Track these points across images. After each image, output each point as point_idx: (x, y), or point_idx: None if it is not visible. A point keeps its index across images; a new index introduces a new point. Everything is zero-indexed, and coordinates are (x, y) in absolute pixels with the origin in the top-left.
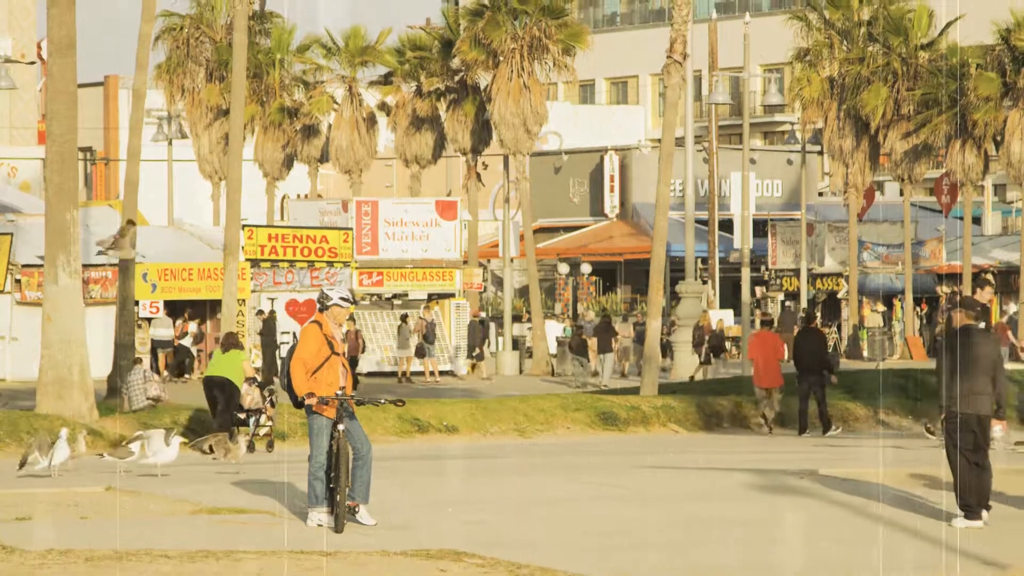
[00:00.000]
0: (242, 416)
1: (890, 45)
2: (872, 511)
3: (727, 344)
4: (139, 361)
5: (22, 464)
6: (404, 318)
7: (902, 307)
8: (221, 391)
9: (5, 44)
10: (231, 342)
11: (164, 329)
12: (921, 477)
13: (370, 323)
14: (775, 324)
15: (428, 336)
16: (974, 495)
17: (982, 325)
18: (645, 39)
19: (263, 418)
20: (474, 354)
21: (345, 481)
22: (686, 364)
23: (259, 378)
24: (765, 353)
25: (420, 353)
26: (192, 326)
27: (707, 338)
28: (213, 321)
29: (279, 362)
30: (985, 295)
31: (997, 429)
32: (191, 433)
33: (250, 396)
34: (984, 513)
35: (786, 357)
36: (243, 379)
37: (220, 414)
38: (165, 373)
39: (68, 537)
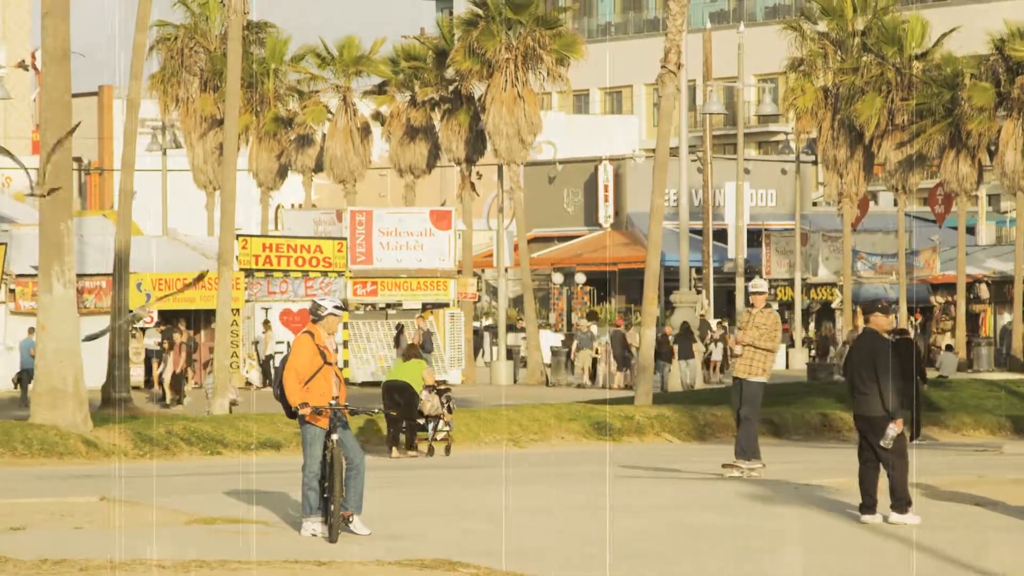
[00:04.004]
0: (421, 421)
1: (884, 55)
2: (865, 520)
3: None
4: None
5: None
6: (400, 328)
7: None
8: (401, 395)
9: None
10: (413, 352)
11: (158, 339)
12: (919, 487)
13: (364, 333)
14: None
15: (426, 345)
16: (863, 493)
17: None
18: (639, 49)
19: (441, 424)
20: (630, 366)
21: (339, 491)
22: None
23: (438, 386)
24: None
25: None
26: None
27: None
28: (207, 331)
29: (273, 372)
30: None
31: (892, 428)
32: (360, 436)
33: (430, 403)
34: (870, 512)
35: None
36: (423, 386)
37: (397, 420)
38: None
39: (62, 547)
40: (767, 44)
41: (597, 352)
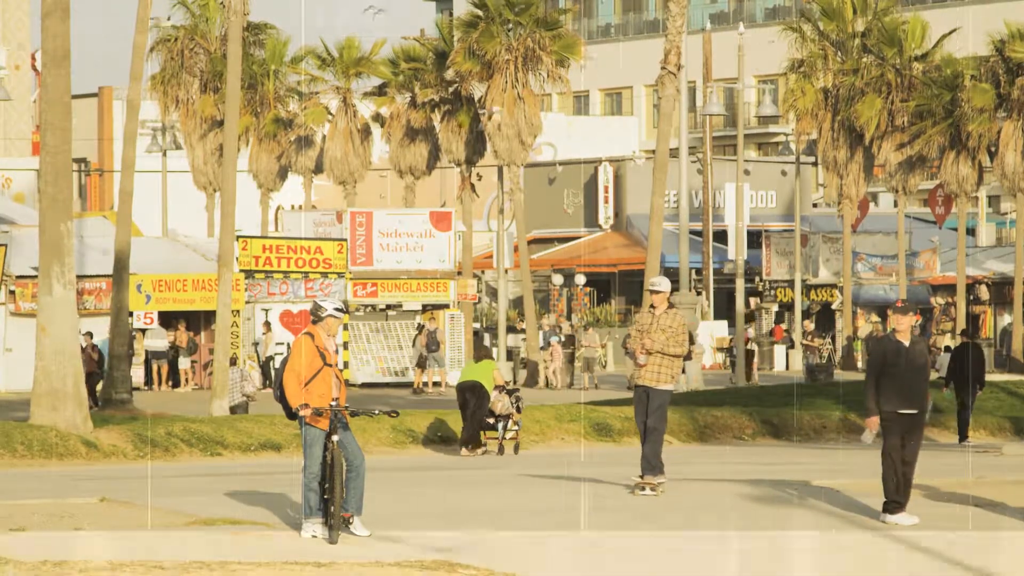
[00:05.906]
0: (491, 421)
1: (884, 56)
2: (864, 521)
3: None
4: (234, 362)
5: None
6: (421, 328)
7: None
8: (472, 395)
9: None
10: (484, 353)
11: (158, 340)
12: (919, 488)
13: (364, 334)
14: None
15: (430, 346)
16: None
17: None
18: (639, 50)
19: (510, 423)
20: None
21: (339, 492)
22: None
23: (508, 386)
24: None
25: (420, 364)
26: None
27: None
28: (207, 332)
29: (273, 373)
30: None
31: (868, 428)
32: (435, 436)
33: (500, 403)
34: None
35: None
36: (494, 386)
37: (471, 417)
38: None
39: (63, 548)
40: (767, 45)
41: (552, 355)
